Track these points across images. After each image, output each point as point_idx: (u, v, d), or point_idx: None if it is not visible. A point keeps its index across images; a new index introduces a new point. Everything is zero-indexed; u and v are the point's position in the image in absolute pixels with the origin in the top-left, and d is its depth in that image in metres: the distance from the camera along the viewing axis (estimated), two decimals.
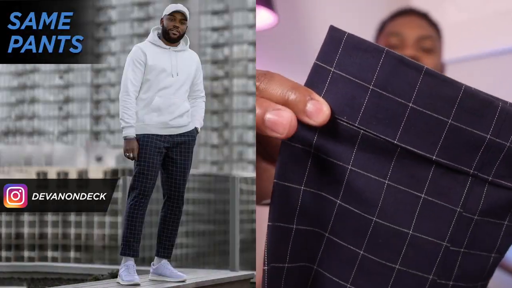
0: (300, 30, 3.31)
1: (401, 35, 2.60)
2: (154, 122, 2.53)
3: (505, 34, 3.07)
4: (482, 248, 0.77)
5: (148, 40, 2.60)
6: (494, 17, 3.08)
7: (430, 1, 3.24)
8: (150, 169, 2.52)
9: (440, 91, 0.69)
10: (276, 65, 3.28)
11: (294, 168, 0.72)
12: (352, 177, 0.72)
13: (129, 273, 2.56)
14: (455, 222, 0.74)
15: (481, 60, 3.13)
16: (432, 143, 0.70)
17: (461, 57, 3.15)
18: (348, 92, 0.69)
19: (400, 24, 2.67)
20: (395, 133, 0.70)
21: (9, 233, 23.96)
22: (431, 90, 0.69)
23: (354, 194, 0.73)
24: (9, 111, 49.61)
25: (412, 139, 0.70)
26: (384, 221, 0.73)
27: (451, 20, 3.16)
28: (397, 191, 0.73)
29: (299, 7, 3.34)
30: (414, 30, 2.61)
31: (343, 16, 3.32)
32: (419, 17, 2.70)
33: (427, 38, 2.59)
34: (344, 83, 0.69)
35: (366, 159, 0.72)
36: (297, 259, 0.75)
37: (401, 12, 2.74)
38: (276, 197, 0.72)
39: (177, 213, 2.64)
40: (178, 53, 2.58)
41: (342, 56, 0.69)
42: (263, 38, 3.25)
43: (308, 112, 0.68)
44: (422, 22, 2.67)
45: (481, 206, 0.74)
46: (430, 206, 0.73)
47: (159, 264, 2.65)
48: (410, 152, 0.71)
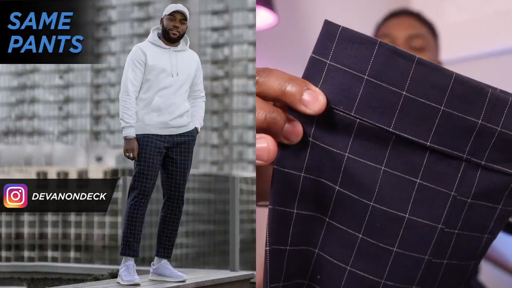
0: (300, 30, 3.31)
1: (391, 36, 2.61)
2: (154, 122, 2.53)
3: (505, 34, 3.07)
4: (475, 229, 0.80)
5: (148, 40, 2.60)
6: (494, 17, 3.08)
7: (430, 1, 3.24)
8: (150, 169, 2.52)
9: (432, 79, 0.72)
10: (276, 65, 3.28)
11: (293, 156, 0.75)
12: (350, 164, 0.75)
13: (129, 273, 2.56)
14: (449, 205, 0.76)
15: (481, 60, 3.13)
16: (426, 130, 0.73)
17: (461, 57, 3.15)
18: (343, 82, 0.72)
19: (391, 25, 2.67)
20: (390, 121, 0.73)
21: (9, 233, 23.96)
22: (423, 79, 0.72)
23: (352, 180, 0.75)
24: (9, 111, 49.61)
25: (406, 126, 0.73)
26: (381, 205, 0.76)
27: (451, 20, 3.16)
28: (393, 176, 0.75)
29: (299, 7, 3.34)
30: (404, 30, 2.61)
31: (343, 16, 3.32)
32: (411, 17, 2.70)
33: (417, 37, 2.59)
34: (339, 74, 0.72)
35: (362, 147, 0.74)
36: (299, 242, 0.77)
37: (393, 13, 2.74)
38: (276, 183, 0.74)
39: (177, 213, 2.64)
40: (178, 53, 2.58)
41: (337, 49, 0.72)
42: (263, 38, 3.25)
43: (304, 101, 0.71)
44: (413, 22, 2.66)
45: (474, 189, 0.76)
46: (425, 191, 0.76)
47: (159, 264, 2.65)
48: (404, 139, 0.74)
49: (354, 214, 0.77)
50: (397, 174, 0.76)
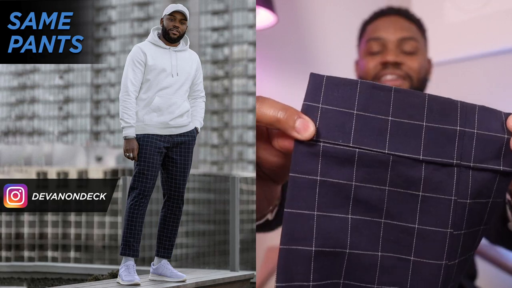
0: (300, 30, 3.31)
1: (382, 39, 2.58)
2: (154, 122, 2.53)
3: (505, 34, 3.06)
4: (475, 224, 0.88)
5: (148, 40, 2.60)
6: (494, 17, 3.08)
7: (430, 1, 3.24)
8: (150, 169, 2.52)
9: (410, 102, 0.84)
10: (276, 65, 3.28)
11: (304, 197, 0.83)
12: (357, 191, 0.84)
13: (129, 273, 2.56)
14: (452, 209, 0.85)
15: (481, 60, 3.13)
16: (416, 146, 0.83)
17: (461, 57, 3.15)
18: (337, 120, 0.83)
19: (380, 26, 2.63)
20: (384, 145, 0.83)
21: (9, 233, 23.96)
22: (403, 103, 0.83)
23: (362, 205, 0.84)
24: (9, 111, 49.61)
25: (399, 146, 0.83)
26: (392, 220, 0.85)
27: (451, 20, 3.16)
28: (398, 194, 0.85)
29: (299, 7, 3.34)
30: (395, 32, 2.58)
31: (343, 16, 3.32)
32: (399, 16, 2.65)
33: (408, 40, 2.56)
34: (332, 114, 0.83)
35: (366, 174, 0.83)
36: (323, 277, 0.85)
37: (380, 12, 2.70)
38: (288, 223, 0.83)
39: (177, 213, 2.64)
40: (178, 53, 2.58)
41: (326, 94, 0.84)
42: (263, 38, 3.25)
43: (297, 128, 0.80)
44: (402, 22, 2.63)
45: (470, 190, 0.85)
46: (429, 201, 0.85)
47: (159, 264, 2.65)
48: (400, 157, 0.83)
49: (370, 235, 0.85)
50: (401, 191, 0.84)
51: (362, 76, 2.62)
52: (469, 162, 0.85)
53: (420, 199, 0.84)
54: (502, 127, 0.85)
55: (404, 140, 0.83)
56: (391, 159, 0.83)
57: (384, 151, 0.82)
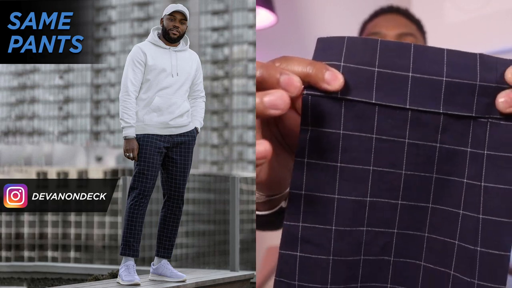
0: (300, 30, 3.31)
1: (380, 34, 2.57)
2: (154, 122, 2.53)
3: (505, 34, 3.06)
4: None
5: (148, 40, 2.60)
6: (494, 17, 3.08)
7: (430, 1, 3.24)
8: (150, 169, 2.52)
9: (429, 58, 0.83)
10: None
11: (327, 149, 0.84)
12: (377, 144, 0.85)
13: (129, 273, 2.56)
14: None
15: None
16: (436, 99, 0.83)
17: None
18: (356, 77, 0.83)
19: (380, 23, 2.63)
20: (405, 99, 0.83)
21: (9, 233, 23.96)
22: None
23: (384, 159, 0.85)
24: (9, 111, 49.62)
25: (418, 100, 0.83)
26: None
27: (451, 20, 3.16)
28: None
29: (299, 7, 3.34)
30: (393, 29, 2.57)
31: (343, 16, 3.32)
32: (399, 15, 2.65)
33: (407, 35, 2.56)
34: (354, 71, 0.83)
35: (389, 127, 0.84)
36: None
37: (381, 10, 2.70)
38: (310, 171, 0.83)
39: (177, 213, 2.64)
40: (178, 53, 2.58)
41: (347, 53, 0.85)
42: (263, 38, 3.25)
43: (326, 79, 0.81)
44: (402, 20, 2.63)
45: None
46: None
47: (159, 264, 2.65)
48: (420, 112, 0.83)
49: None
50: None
51: None
52: (489, 114, 0.84)
53: (437, 150, 0.85)
54: None
55: (424, 94, 0.83)
56: (409, 114, 0.83)
57: (405, 106, 0.83)
